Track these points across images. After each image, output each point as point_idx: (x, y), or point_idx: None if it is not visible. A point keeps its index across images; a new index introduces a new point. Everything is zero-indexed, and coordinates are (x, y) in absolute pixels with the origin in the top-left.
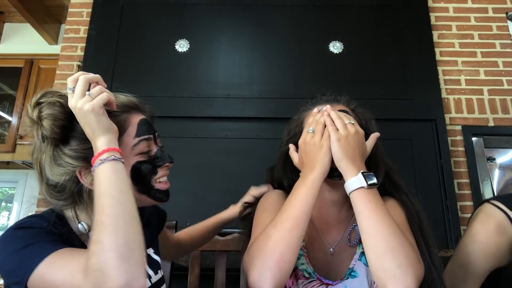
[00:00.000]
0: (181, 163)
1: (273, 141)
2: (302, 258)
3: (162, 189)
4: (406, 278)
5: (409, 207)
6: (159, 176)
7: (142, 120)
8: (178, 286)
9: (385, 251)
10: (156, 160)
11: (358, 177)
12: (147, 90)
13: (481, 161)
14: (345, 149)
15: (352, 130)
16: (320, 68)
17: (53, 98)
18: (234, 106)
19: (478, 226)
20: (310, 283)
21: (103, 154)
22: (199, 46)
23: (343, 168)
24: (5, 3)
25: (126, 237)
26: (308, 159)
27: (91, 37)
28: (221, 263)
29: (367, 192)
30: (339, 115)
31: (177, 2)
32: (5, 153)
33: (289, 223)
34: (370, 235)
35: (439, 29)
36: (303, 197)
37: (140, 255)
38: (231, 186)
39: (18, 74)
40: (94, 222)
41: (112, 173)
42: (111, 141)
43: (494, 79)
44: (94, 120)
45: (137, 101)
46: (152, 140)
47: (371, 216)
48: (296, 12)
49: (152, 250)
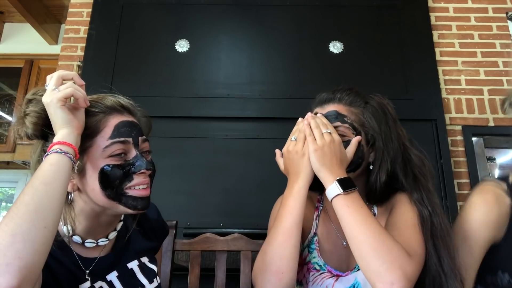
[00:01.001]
0: (181, 163)
1: (273, 141)
2: (314, 252)
3: (136, 196)
4: (391, 273)
5: (418, 208)
6: (135, 183)
7: (122, 122)
8: (178, 286)
9: (367, 252)
10: (131, 166)
11: (333, 185)
12: (147, 90)
13: (481, 161)
14: (321, 159)
15: (328, 139)
16: (320, 68)
17: (39, 96)
18: (234, 106)
19: (477, 197)
20: (321, 275)
21: (53, 146)
22: (199, 46)
23: (322, 177)
24: (5, 3)
25: (16, 228)
26: (292, 167)
27: (91, 37)
28: (221, 263)
29: (345, 198)
30: (318, 124)
31: (177, 2)
32: (5, 153)
33: (280, 236)
34: (352, 240)
35: (439, 29)
36: (291, 210)
37: (21, 251)
38: (231, 186)
39: (18, 74)
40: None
41: (48, 165)
42: (66, 136)
43: (494, 79)
44: (53, 113)
45: (126, 104)
46: (131, 144)
47: (351, 220)
48: (296, 12)
49: (147, 259)
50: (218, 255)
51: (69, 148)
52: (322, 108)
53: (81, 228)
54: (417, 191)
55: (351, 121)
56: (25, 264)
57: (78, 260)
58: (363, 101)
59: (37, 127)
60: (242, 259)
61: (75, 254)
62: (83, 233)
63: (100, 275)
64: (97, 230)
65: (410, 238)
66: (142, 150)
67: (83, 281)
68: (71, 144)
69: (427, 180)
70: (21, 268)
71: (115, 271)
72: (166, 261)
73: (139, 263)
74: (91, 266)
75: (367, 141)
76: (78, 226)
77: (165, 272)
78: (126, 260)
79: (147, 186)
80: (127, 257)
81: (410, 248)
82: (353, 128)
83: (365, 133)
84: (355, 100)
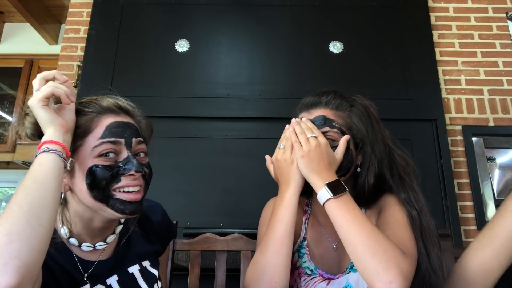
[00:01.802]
0: (181, 163)
1: (273, 141)
2: (304, 257)
3: (124, 200)
4: (389, 272)
5: (406, 208)
6: (122, 184)
7: (115, 122)
8: (178, 286)
9: (363, 253)
10: (120, 167)
11: (323, 190)
12: (147, 90)
13: (481, 161)
14: (309, 164)
15: (314, 144)
16: (320, 68)
17: None
18: (234, 106)
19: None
20: (313, 280)
21: (42, 146)
22: (199, 46)
23: (311, 183)
24: (5, 3)
25: (11, 228)
26: (282, 175)
27: (91, 37)
28: (221, 263)
29: (336, 202)
30: (303, 130)
31: (177, 2)
32: (5, 153)
33: (272, 246)
34: (347, 242)
35: (439, 29)
36: (282, 218)
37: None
38: (231, 186)
39: (18, 74)
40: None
41: (38, 165)
42: (52, 134)
43: (494, 79)
44: (37, 114)
45: (125, 105)
46: (123, 145)
47: (344, 223)
48: (296, 12)
49: (148, 263)
50: (218, 255)
51: (57, 146)
52: (308, 113)
53: (77, 230)
54: (403, 191)
55: (339, 125)
56: (22, 263)
57: (77, 262)
58: (348, 104)
59: (36, 127)
60: (242, 259)
61: (74, 257)
62: (79, 236)
63: (100, 278)
64: (94, 233)
65: (403, 237)
66: (136, 152)
67: (82, 284)
68: (58, 142)
69: (412, 179)
70: (19, 268)
71: (115, 275)
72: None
73: (140, 268)
74: (90, 269)
75: (356, 145)
76: (75, 228)
77: (165, 272)
78: (127, 264)
79: (139, 190)
80: (128, 261)
81: (404, 247)
82: (342, 133)
83: (353, 137)
84: (341, 104)
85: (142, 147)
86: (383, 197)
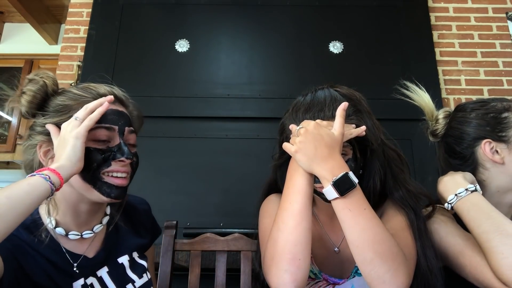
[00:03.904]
0: (181, 163)
1: (273, 141)
2: None
3: (111, 184)
4: (396, 279)
5: (405, 211)
6: (112, 169)
7: (111, 109)
8: (178, 286)
9: (372, 260)
10: (111, 152)
11: (329, 188)
12: (147, 90)
13: None
14: (305, 154)
15: (301, 132)
16: (320, 68)
17: (40, 77)
18: (234, 106)
19: None
20: (317, 284)
21: (44, 170)
22: (199, 46)
23: (318, 175)
24: (5, 3)
25: None
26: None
27: (91, 37)
28: (221, 263)
29: (345, 202)
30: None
31: (177, 2)
32: (5, 153)
33: (291, 220)
34: (355, 245)
35: (439, 29)
36: (300, 188)
37: None
38: (231, 186)
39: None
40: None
41: (26, 184)
42: (65, 170)
43: (494, 79)
44: (69, 142)
45: (120, 95)
46: (117, 132)
47: (354, 225)
48: (296, 12)
49: (136, 254)
50: (218, 255)
51: (57, 180)
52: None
53: (64, 218)
54: (396, 189)
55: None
56: None
57: (65, 253)
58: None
59: (32, 105)
60: (242, 259)
61: (62, 248)
62: (66, 225)
63: (92, 270)
64: (80, 220)
65: (405, 240)
66: (128, 142)
67: (74, 276)
68: (62, 180)
69: (405, 174)
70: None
71: (105, 267)
72: (166, 261)
73: (129, 258)
74: (78, 261)
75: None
76: (62, 216)
77: (165, 272)
78: (117, 255)
79: (126, 176)
80: (118, 252)
81: (406, 250)
82: (350, 143)
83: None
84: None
85: (133, 137)
86: (384, 202)
